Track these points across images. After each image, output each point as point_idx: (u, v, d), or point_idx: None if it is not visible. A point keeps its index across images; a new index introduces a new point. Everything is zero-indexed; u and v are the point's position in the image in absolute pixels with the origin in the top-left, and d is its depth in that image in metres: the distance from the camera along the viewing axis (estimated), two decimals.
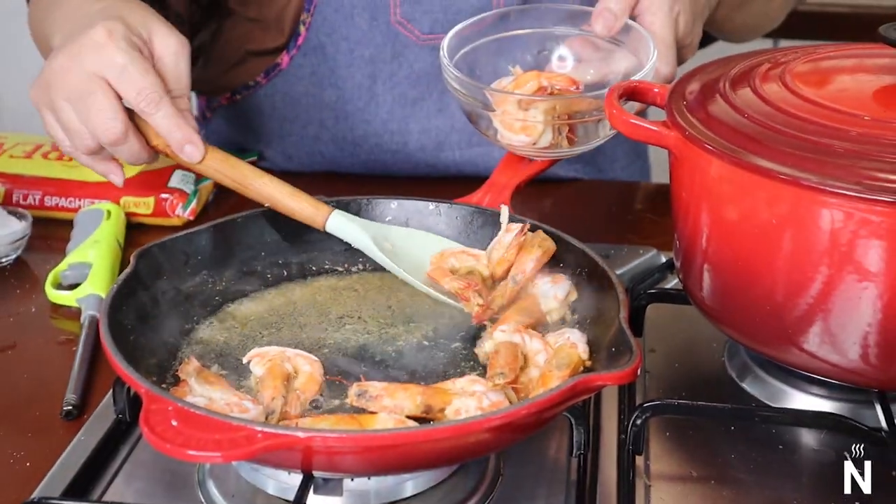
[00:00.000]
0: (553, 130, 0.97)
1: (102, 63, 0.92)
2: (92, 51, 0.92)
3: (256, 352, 0.84)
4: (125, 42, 0.92)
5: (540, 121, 0.96)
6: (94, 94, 0.92)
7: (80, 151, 0.96)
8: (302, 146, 1.27)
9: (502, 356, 0.81)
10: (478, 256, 0.92)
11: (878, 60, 0.90)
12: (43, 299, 1.03)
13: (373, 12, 1.18)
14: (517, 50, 1.04)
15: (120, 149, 0.94)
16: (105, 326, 0.79)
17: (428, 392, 0.78)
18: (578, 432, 0.78)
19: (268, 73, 1.25)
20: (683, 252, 0.88)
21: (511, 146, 0.99)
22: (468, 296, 0.85)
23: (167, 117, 0.92)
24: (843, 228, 0.76)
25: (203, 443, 0.69)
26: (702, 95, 0.86)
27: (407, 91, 1.21)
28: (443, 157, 1.24)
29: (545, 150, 0.98)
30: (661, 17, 1.01)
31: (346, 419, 0.77)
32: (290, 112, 1.26)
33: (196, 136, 0.93)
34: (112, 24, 0.93)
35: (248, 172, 0.94)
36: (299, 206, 0.92)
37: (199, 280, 0.91)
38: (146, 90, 0.92)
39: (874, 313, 0.77)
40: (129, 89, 0.92)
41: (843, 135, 0.78)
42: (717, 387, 0.91)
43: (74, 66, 0.92)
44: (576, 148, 0.99)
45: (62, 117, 0.94)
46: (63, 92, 0.93)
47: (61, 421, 0.87)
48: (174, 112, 0.92)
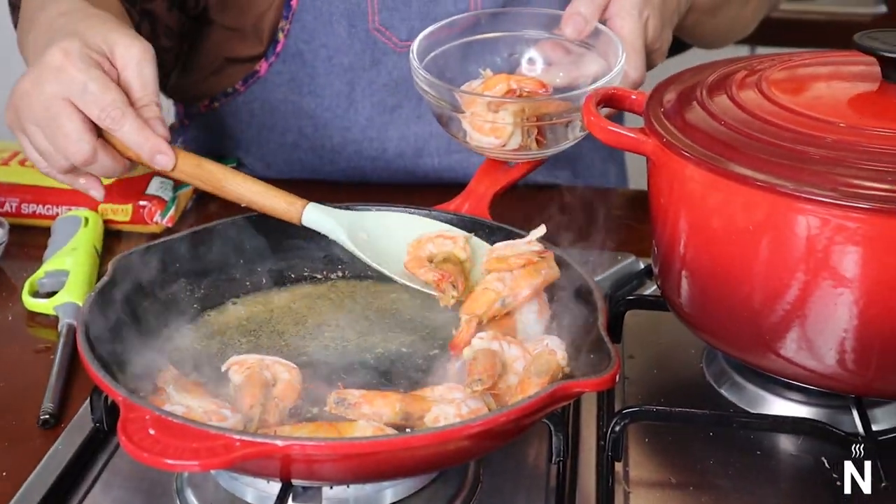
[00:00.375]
0: (522, 133, 0.97)
1: (62, 85, 0.92)
2: (51, 74, 0.92)
3: (235, 360, 0.83)
4: (82, 61, 0.92)
5: (509, 123, 0.96)
6: (59, 118, 0.92)
7: (56, 171, 0.96)
8: (280, 153, 1.27)
9: (480, 363, 0.81)
10: (455, 238, 0.91)
11: (854, 68, 0.90)
12: (20, 307, 1.03)
13: (351, 19, 1.18)
14: (487, 53, 1.05)
15: (92, 167, 0.94)
16: (82, 335, 0.79)
17: (406, 399, 0.78)
18: (557, 439, 0.79)
19: (246, 81, 1.25)
20: (661, 258, 0.88)
21: (480, 148, 0.99)
22: (444, 288, 0.85)
23: (133, 131, 0.92)
24: (819, 235, 0.76)
25: (181, 451, 0.68)
26: (679, 103, 0.87)
27: (385, 98, 1.21)
28: (422, 164, 1.25)
29: (514, 152, 0.99)
30: (630, 22, 1.01)
31: (324, 427, 0.77)
32: (269, 119, 1.26)
33: (164, 144, 0.93)
34: (68, 43, 0.93)
35: (220, 175, 0.93)
36: (274, 203, 0.92)
37: (177, 288, 0.91)
38: (108, 107, 0.91)
39: (850, 319, 0.77)
40: (91, 108, 0.92)
41: (819, 142, 0.79)
42: (695, 393, 0.92)
43: (36, 91, 0.93)
44: (545, 150, 0.99)
45: (33, 140, 0.95)
46: (30, 116, 0.94)
47: (38, 430, 0.87)
48: (139, 125, 0.92)
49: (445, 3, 1.18)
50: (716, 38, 1.28)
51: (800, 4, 2.01)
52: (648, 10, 1.03)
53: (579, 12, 1.01)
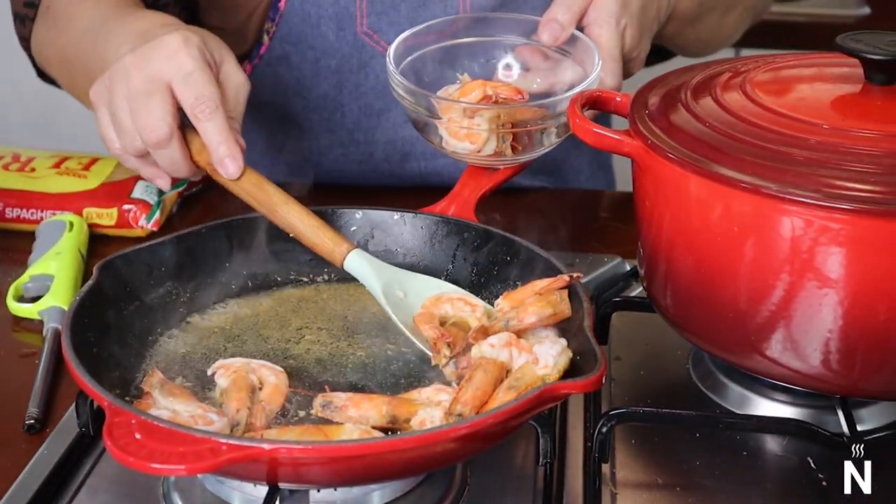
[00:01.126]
0: (497, 138, 0.97)
1: (171, 67, 0.91)
2: (163, 54, 0.92)
3: (221, 363, 0.83)
4: (198, 51, 0.92)
5: (484, 129, 0.96)
6: (153, 96, 0.91)
7: (128, 152, 0.95)
8: (266, 155, 1.27)
9: (473, 386, 0.78)
10: (475, 307, 0.88)
11: (837, 69, 0.91)
12: (4, 312, 1.02)
13: (339, 23, 1.18)
14: (464, 58, 1.05)
15: (161, 153, 0.93)
16: (67, 339, 0.79)
17: (393, 402, 0.78)
18: (545, 441, 0.79)
19: None
20: (647, 260, 0.89)
21: (456, 154, 0.99)
22: (439, 347, 0.83)
23: (218, 128, 0.91)
24: (804, 236, 0.76)
25: (167, 456, 0.68)
26: (664, 104, 0.87)
27: (373, 101, 1.21)
28: (408, 168, 1.25)
29: (489, 157, 0.99)
30: (607, 30, 1.02)
31: (311, 430, 0.77)
32: (253, 122, 1.25)
33: (240, 153, 0.93)
34: (190, 34, 0.94)
35: (278, 200, 0.92)
36: (322, 240, 0.92)
37: (162, 291, 0.91)
38: (205, 97, 0.91)
39: (835, 320, 0.78)
40: (189, 94, 0.91)
41: (803, 143, 0.79)
42: (682, 394, 0.92)
43: (142, 67, 0.92)
44: (519, 156, 1.00)
45: (117, 115, 0.94)
46: (124, 90, 0.93)
47: (23, 435, 0.86)
48: (226, 126, 0.92)
49: (434, 7, 1.18)
50: (698, 48, 1.28)
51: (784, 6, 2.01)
52: (626, 19, 1.03)
53: (556, 19, 1.02)
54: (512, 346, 0.82)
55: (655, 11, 1.09)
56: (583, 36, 1.02)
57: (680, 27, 1.18)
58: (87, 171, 1.18)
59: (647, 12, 1.07)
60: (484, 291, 0.93)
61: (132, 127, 0.93)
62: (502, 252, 0.93)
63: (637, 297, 0.99)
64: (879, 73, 0.85)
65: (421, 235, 0.96)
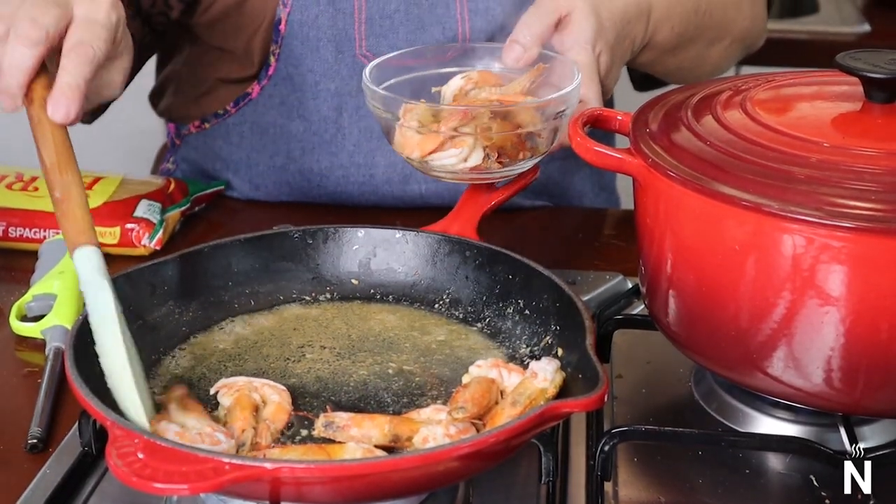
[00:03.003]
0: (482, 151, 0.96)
1: None
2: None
3: (223, 382, 0.83)
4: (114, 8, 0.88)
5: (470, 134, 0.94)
6: (51, 8, 0.86)
7: None
8: (269, 176, 1.27)
9: (470, 390, 0.80)
10: None
11: (837, 88, 0.91)
12: (7, 331, 1.02)
13: (338, 45, 1.18)
14: (438, 86, 1.03)
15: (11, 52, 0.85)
16: (70, 358, 0.79)
17: (395, 421, 0.78)
18: (547, 459, 0.79)
19: (237, 103, 1.25)
20: (648, 278, 0.89)
21: (443, 167, 0.96)
22: None
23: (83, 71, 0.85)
24: (805, 254, 0.76)
25: (170, 475, 0.68)
26: (665, 123, 0.87)
27: (373, 124, 1.22)
28: (409, 190, 1.25)
29: (476, 171, 0.96)
30: (584, 55, 1.02)
31: (314, 449, 0.77)
32: (258, 142, 1.26)
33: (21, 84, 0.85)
34: None
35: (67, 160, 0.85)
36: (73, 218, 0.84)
37: (165, 311, 0.91)
38: (93, 45, 0.86)
39: (837, 337, 0.78)
40: (82, 34, 0.86)
41: (804, 161, 0.79)
42: (684, 412, 0.92)
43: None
44: (506, 169, 0.97)
45: None
46: None
47: (26, 454, 0.86)
48: (90, 76, 0.86)
49: (433, 30, 1.18)
50: (681, 76, 1.28)
51: (784, 24, 2.02)
52: (601, 46, 1.04)
53: (517, 41, 1.02)
54: (498, 366, 0.83)
55: (629, 43, 1.11)
56: (558, 55, 1.02)
57: (657, 56, 1.18)
58: (89, 191, 1.18)
59: (621, 42, 1.08)
60: (486, 310, 0.93)
61: (8, 14, 0.86)
62: (504, 270, 0.93)
63: (639, 315, 0.99)
64: (880, 91, 0.85)
65: (423, 254, 0.97)
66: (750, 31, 1.30)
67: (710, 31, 1.23)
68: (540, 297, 0.90)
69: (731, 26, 1.26)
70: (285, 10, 1.17)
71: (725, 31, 1.25)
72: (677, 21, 1.16)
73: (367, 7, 1.17)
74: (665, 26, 1.15)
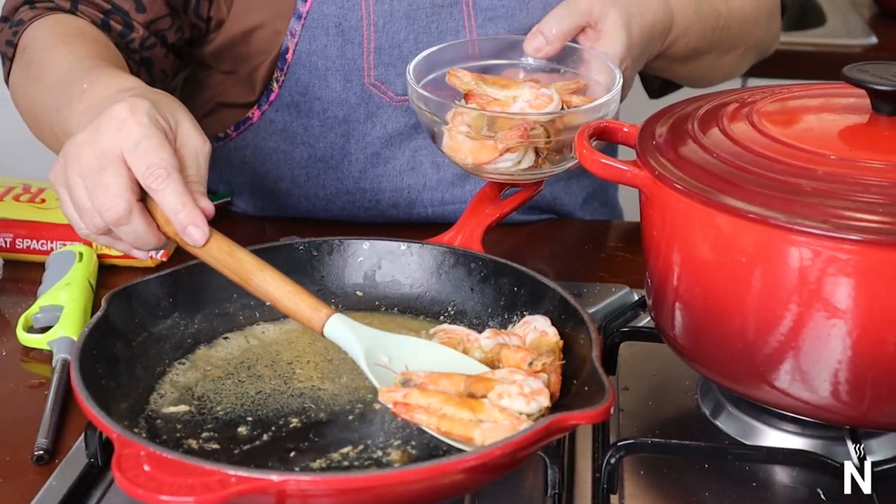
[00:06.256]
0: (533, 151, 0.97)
1: (119, 138, 0.86)
2: (112, 125, 0.87)
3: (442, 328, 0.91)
4: (147, 118, 0.87)
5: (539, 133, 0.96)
6: (105, 171, 0.86)
7: (91, 231, 0.90)
8: (273, 200, 1.26)
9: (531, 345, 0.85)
10: None
11: (844, 100, 0.91)
12: (14, 342, 1.02)
13: (347, 74, 1.18)
14: None
15: (124, 230, 0.88)
16: (76, 370, 0.79)
17: (471, 380, 0.80)
18: (553, 471, 0.78)
19: (238, 127, 1.24)
20: (655, 290, 0.89)
21: (496, 169, 0.98)
22: None
23: (175, 195, 0.86)
24: (812, 266, 0.76)
25: (176, 487, 0.68)
26: (671, 135, 0.87)
27: (380, 150, 1.21)
28: (415, 215, 1.24)
29: (527, 170, 0.99)
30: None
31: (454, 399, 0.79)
32: (261, 167, 1.25)
33: (201, 218, 0.87)
34: (137, 100, 0.89)
35: (251, 267, 0.87)
36: (299, 306, 0.86)
37: (170, 322, 0.91)
38: (155, 166, 0.86)
39: (844, 350, 0.78)
40: (139, 164, 0.86)
41: (811, 174, 0.79)
42: (690, 424, 0.92)
43: (92, 142, 0.87)
44: (554, 168, 0.99)
45: (74, 194, 0.89)
46: (78, 168, 0.88)
47: (32, 465, 0.86)
48: (183, 191, 0.86)
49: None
50: (696, 80, 1.29)
51: (791, 36, 2.02)
52: (628, 62, 1.06)
53: (542, 32, 1.03)
54: (498, 334, 0.87)
55: (647, 57, 1.12)
56: (589, 49, 1.03)
57: (668, 64, 1.19)
58: None
59: (642, 58, 1.11)
60: (491, 322, 0.93)
61: (91, 206, 0.88)
62: (509, 282, 0.93)
63: (645, 328, 0.98)
64: (886, 103, 0.85)
65: (428, 266, 0.97)
66: (764, 41, 1.30)
67: (726, 43, 1.23)
68: (545, 309, 0.90)
69: (747, 39, 1.26)
70: (293, 40, 1.16)
71: (741, 42, 1.26)
72: (694, 37, 1.17)
73: (377, 37, 1.16)
74: (681, 41, 1.15)
